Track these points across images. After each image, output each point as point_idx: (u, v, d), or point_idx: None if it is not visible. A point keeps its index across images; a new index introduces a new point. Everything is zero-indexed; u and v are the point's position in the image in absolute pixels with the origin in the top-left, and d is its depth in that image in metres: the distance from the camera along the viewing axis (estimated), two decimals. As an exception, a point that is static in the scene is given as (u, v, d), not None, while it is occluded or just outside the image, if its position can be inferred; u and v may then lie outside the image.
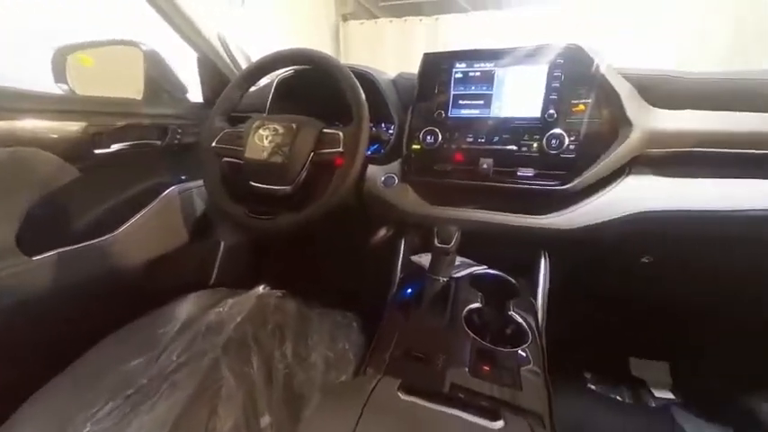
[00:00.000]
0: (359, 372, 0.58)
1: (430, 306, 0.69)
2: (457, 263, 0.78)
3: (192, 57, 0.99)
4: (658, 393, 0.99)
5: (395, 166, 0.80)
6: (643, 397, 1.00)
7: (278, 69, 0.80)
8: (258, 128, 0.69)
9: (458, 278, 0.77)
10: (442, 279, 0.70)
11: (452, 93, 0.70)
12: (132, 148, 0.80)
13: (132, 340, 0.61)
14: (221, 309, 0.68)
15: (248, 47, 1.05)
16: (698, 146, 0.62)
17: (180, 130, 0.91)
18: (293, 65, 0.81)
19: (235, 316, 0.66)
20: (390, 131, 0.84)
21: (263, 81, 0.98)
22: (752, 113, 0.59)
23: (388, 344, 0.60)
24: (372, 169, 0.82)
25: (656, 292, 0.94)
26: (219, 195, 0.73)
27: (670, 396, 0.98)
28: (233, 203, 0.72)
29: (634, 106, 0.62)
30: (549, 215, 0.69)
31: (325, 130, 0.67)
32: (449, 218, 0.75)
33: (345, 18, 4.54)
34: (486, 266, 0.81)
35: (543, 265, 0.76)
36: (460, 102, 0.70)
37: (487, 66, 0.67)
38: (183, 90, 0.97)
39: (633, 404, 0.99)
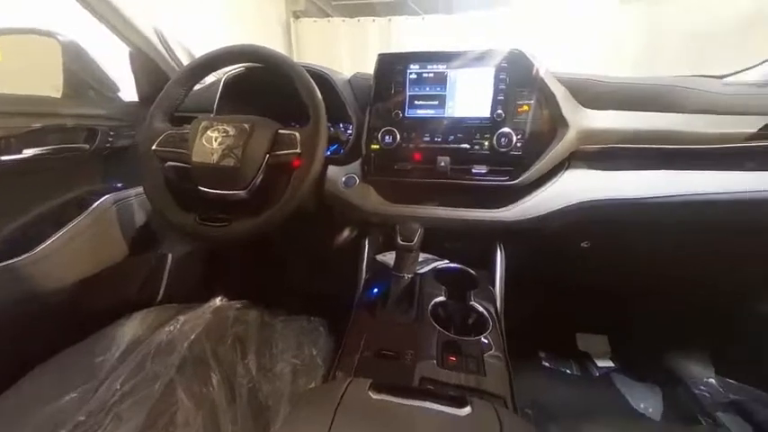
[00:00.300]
0: (329, 376, 0.57)
1: (397, 303, 0.70)
2: (420, 259, 0.80)
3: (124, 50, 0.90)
4: (600, 363, 1.11)
5: (355, 166, 0.80)
6: (588, 368, 1.12)
7: (226, 66, 0.75)
8: (206, 129, 0.64)
9: (422, 274, 0.79)
10: (407, 276, 0.72)
11: (408, 93, 0.72)
12: (52, 153, 0.70)
13: (65, 370, 0.54)
14: (172, 327, 0.62)
15: (190, 42, 0.98)
16: (621, 142, 0.71)
17: (112, 133, 0.82)
18: (243, 62, 0.77)
19: (188, 333, 0.61)
20: (349, 132, 0.83)
21: (209, 79, 0.92)
22: (661, 113, 0.69)
23: (356, 345, 0.60)
24: (333, 170, 0.80)
25: (594, 274, 1.05)
26: (164, 203, 0.66)
27: (610, 364, 1.11)
28: (181, 211, 0.66)
29: (569, 107, 0.68)
30: (501, 209, 0.74)
31: (281, 131, 0.65)
32: (410, 215, 0.77)
33: (297, 16, 4.41)
34: (447, 261, 0.84)
35: (499, 256, 0.81)
36: (416, 102, 0.72)
37: (440, 67, 0.70)
38: (113, 88, 0.88)
39: (580, 375, 1.10)
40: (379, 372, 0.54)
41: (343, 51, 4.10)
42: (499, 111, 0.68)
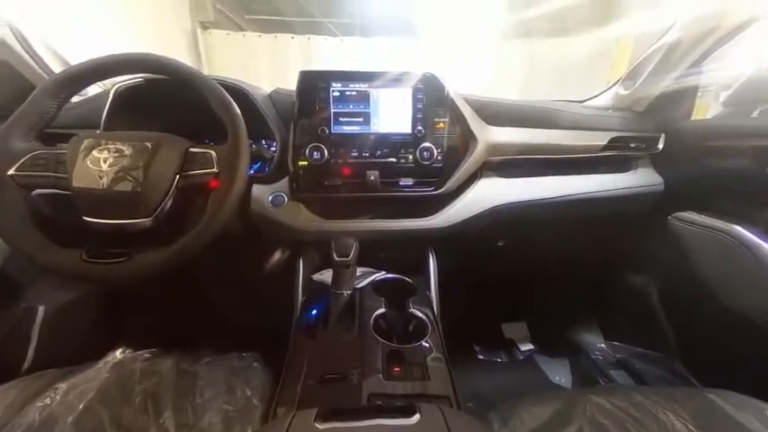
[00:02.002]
0: (268, 416, 0.51)
1: (338, 321, 0.68)
2: (358, 273, 0.80)
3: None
4: (523, 347, 1.26)
5: (283, 183, 0.76)
6: (514, 353, 1.25)
7: (116, 76, 0.64)
8: (91, 148, 0.53)
9: (361, 288, 0.78)
10: (346, 292, 0.70)
11: (333, 110, 0.73)
12: None
13: None
14: (48, 400, 0.49)
15: (65, 48, 0.82)
16: (520, 153, 0.84)
17: None
18: (141, 72, 0.67)
19: (74, 403, 0.48)
20: (272, 149, 0.79)
21: (93, 90, 0.78)
22: (544, 129, 0.84)
23: (298, 374, 0.56)
24: (258, 189, 0.75)
25: (510, 268, 1.20)
26: (30, 241, 0.52)
27: (531, 347, 1.26)
28: (58, 249, 0.53)
29: (476, 124, 0.78)
30: (429, 217, 0.79)
31: (192, 149, 0.58)
32: (345, 230, 0.76)
33: (205, 26, 4.09)
34: (384, 272, 0.86)
35: (431, 262, 0.87)
36: (341, 119, 0.73)
37: (362, 86, 0.73)
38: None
39: (508, 361, 1.23)
40: (325, 398, 0.51)
41: (262, 68, 3.96)
42: (419, 127, 0.73)
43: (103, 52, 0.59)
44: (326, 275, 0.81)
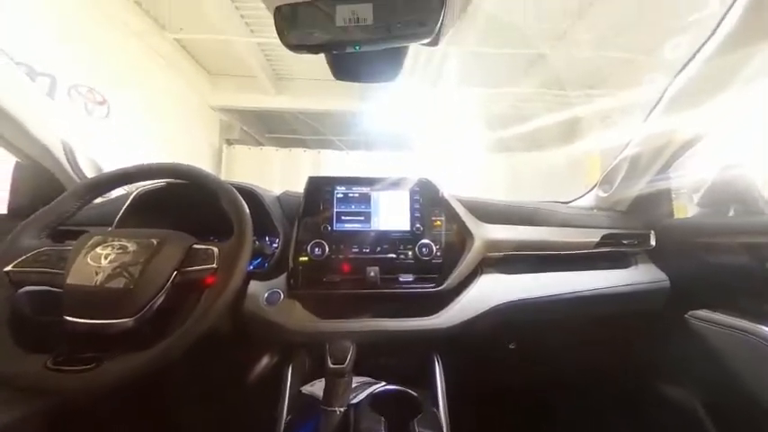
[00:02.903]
0: None
1: (327, 451, 0.56)
2: (354, 384, 0.70)
3: None
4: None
5: (280, 280, 0.75)
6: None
7: (142, 181, 0.71)
8: (96, 245, 0.54)
9: (357, 404, 0.67)
10: (339, 410, 0.60)
11: (335, 210, 0.78)
12: None
13: None
14: None
15: (108, 160, 0.93)
16: (517, 250, 0.85)
17: None
18: (164, 178, 0.75)
19: None
20: (275, 245, 0.81)
21: (117, 192, 0.85)
22: (536, 227, 0.88)
23: None
24: (254, 285, 0.73)
25: (527, 377, 1.06)
26: None
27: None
28: (22, 354, 0.48)
29: (471, 221, 0.82)
30: (431, 316, 0.75)
31: (196, 246, 0.59)
32: (341, 331, 0.71)
33: (230, 142, 4.79)
34: (384, 382, 0.75)
35: (438, 370, 0.77)
36: (343, 217, 0.77)
37: (364, 189, 0.80)
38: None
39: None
40: None
41: (276, 175, 4.47)
42: (418, 225, 0.77)
43: (136, 161, 0.67)
44: (318, 387, 0.71)
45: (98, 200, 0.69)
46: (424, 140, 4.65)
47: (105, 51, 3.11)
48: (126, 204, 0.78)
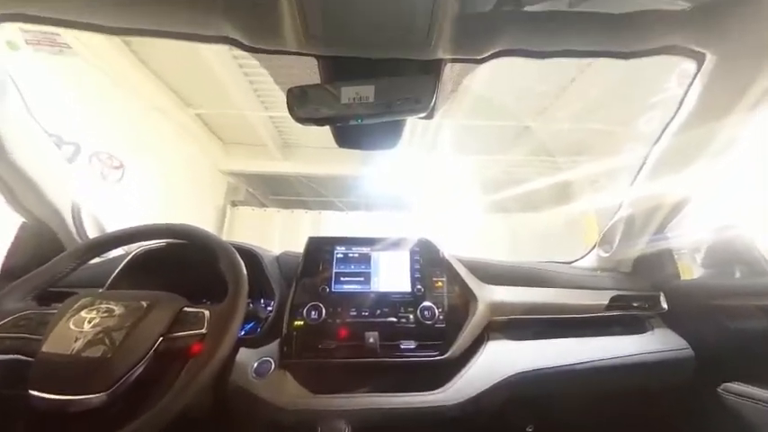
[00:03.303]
0: None
1: None
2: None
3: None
4: None
5: (272, 347, 0.70)
6: None
7: (143, 241, 0.71)
8: (81, 309, 0.51)
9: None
10: None
11: (334, 270, 0.76)
12: None
13: None
14: None
15: (116, 221, 0.95)
16: (525, 313, 0.81)
17: None
18: (166, 238, 0.75)
19: None
20: (269, 308, 0.77)
21: (116, 252, 0.84)
22: (540, 288, 0.85)
23: None
24: (244, 353, 0.68)
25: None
26: None
27: None
28: None
29: (473, 282, 0.80)
30: (435, 391, 0.67)
31: (186, 309, 0.56)
32: (335, 410, 0.63)
33: (235, 204, 4.94)
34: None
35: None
36: (342, 279, 0.76)
37: (364, 249, 0.80)
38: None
39: None
40: None
41: (277, 235, 4.53)
42: (419, 286, 0.75)
43: (140, 221, 0.68)
44: (306, 482, 0.60)
45: (95, 260, 0.68)
46: (423, 202, 4.84)
47: (131, 123, 3.43)
48: (122, 265, 0.76)
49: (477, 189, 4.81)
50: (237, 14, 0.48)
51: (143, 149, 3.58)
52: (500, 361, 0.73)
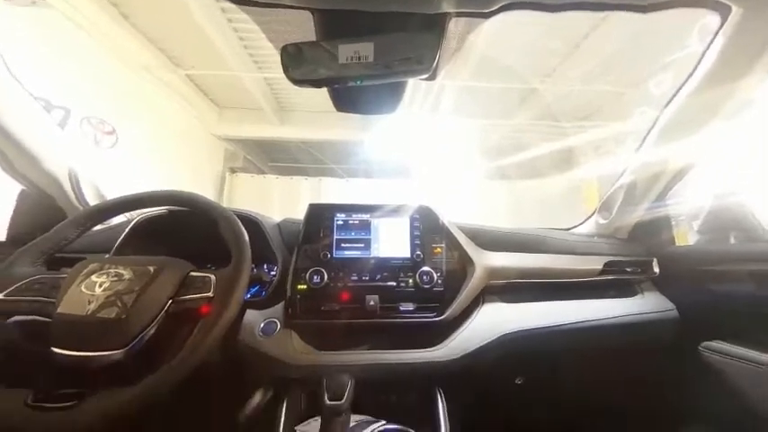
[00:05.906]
0: None
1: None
2: (352, 423, 0.66)
3: None
4: None
5: (277, 309, 0.73)
6: None
7: (144, 208, 0.71)
8: (91, 273, 0.53)
9: (355, 446, 0.63)
10: (336, 453, 0.56)
11: (335, 237, 0.77)
12: None
13: None
14: None
15: (112, 188, 0.94)
16: (520, 277, 0.83)
17: None
18: (167, 205, 0.75)
19: None
20: (273, 273, 0.80)
21: (117, 219, 0.85)
22: (537, 254, 0.87)
23: None
24: (250, 315, 0.71)
25: (534, 411, 0.99)
26: None
27: None
28: (3, 387, 0.46)
29: (471, 248, 0.81)
30: (432, 348, 0.72)
31: (193, 273, 0.58)
32: (339, 365, 0.68)
33: (233, 171, 4.89)
34: (384, 421, 0.71)
35: (441, 408, 0.72)
36: (343, 245, 0.77)
37: (364, 216, 0.80)
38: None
39: None
40: None
41: (276, 202, 4.52)
42: (418, 252, 0.76)
43: (140, 188, 0.68)
44: (313, 427, 0.67)
45: (98, 227, 0.69)
46: (424, 168, 4.76)
47: (119, 84, 3.27)
48: (125, 231, 0.77)
49: (479, 154, 4.72)
50: None
51: (134, 114, 3.46)
52: (494, 322, 0.77)
